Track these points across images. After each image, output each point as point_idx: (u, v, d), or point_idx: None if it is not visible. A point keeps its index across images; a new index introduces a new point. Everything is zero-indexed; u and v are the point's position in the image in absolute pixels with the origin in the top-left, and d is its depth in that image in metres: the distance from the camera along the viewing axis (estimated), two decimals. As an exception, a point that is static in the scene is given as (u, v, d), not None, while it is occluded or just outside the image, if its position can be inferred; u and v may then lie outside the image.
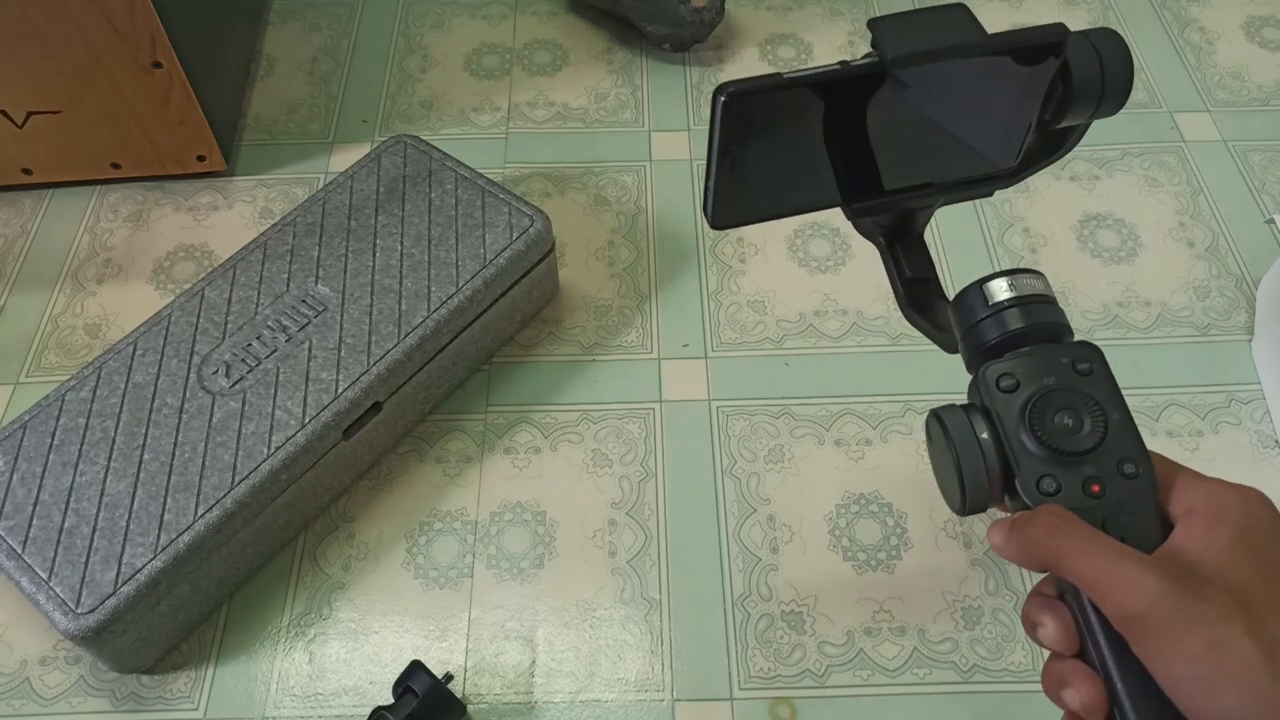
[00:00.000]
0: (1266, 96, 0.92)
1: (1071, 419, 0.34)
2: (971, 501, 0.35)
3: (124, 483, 0.59)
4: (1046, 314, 0.37)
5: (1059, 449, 0.34)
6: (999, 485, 0.35)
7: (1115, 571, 0.30)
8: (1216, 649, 0.28)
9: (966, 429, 0.35)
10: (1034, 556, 0.33)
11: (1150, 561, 0.30)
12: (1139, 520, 0.33)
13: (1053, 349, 0.36)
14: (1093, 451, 0.34)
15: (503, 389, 0.73)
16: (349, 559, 0.65)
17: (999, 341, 0.36)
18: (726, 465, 0.69)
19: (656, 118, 0.91)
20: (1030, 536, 0.33)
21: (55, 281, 0.79)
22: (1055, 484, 0.34)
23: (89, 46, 0.73)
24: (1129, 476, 0.34)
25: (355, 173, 0.74)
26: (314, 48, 0.97)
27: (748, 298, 0.78)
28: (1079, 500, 0.34)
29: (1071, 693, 0.32)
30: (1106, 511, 0.33)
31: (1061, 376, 0.35)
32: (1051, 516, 0.32)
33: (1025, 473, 0.34)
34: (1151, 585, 0.29)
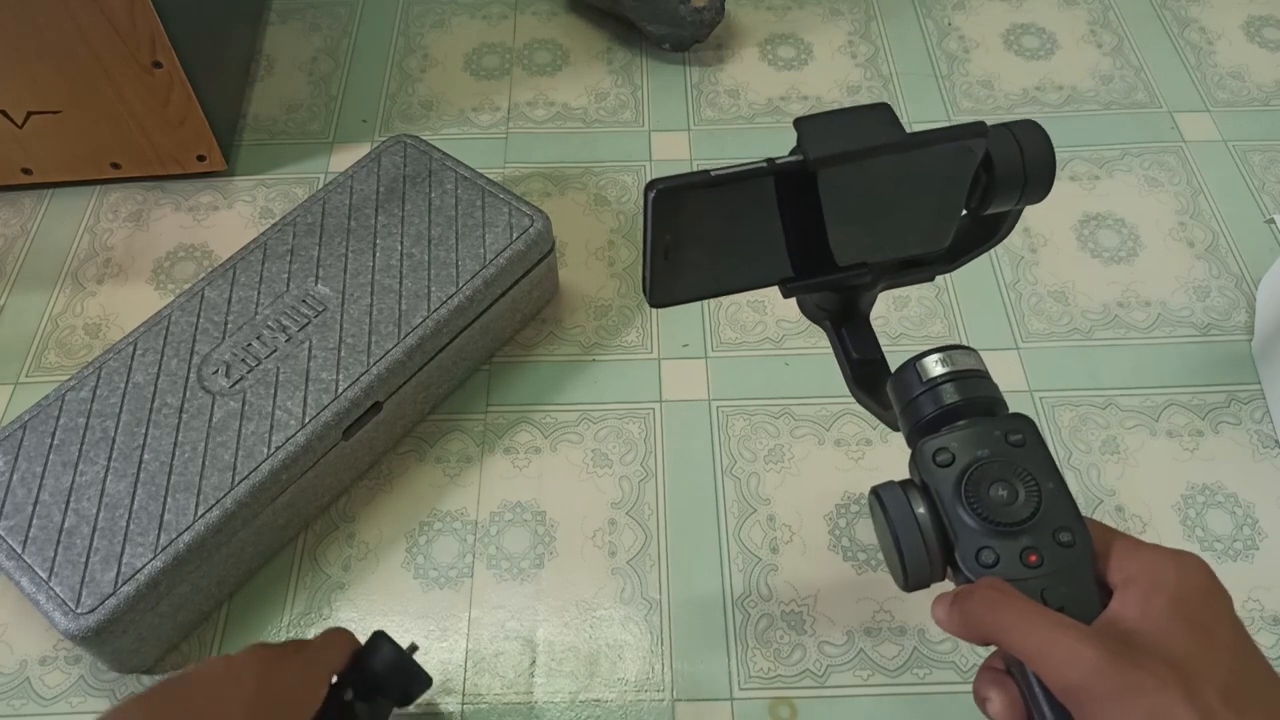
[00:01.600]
0: (1266, 96, 0.92)
1: (1006, 490, 0.35)
2: (913, 578, 0.36)
3: (124, 483, 0.59)
4: (979, 388, 0.38)
5: (994, 520, 0.35)
6: (940, 560, 0.36)
7: (1054, 644, 0.30)
8: (1155, 718, 0.29)
9: (904, 507, 0.36)
10: (975, 630, 0.33)
11: (1088, 632, 0.31)
12: (1077, 589, 0.34)
13: (986, 422, 0.37)
14: (1028, 521, 0.35)
15: (503, 389, 0.73)
16: (349, 559, 0.65)
17: (934, 416, 0.37)
18: (727, 465, 0.69)
19: (656, 118, 0.91)
20: (970, 611, 0.33)
21: (55, 281, 0.79)
22: (994, 555, 0.35)
23: (89, 46, 0.73)
24: (1065, 545, 0.34)
25: (355, 173, 0.74)
26: (314, 48, 0.97)
27: (747, 298, 0.78)
28: (1017, 571, 0.34)
29: None
30: (1045, 581, 0.34)
31: (995, 448, 0.36)
32: (990, 590, 0.33)
33: (964, 545, 0.35)
34: (1090, 657, 0.29)
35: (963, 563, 0.35)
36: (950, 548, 0.36)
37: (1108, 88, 0.92)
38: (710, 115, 0.91)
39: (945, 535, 0.36)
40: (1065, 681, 0.30)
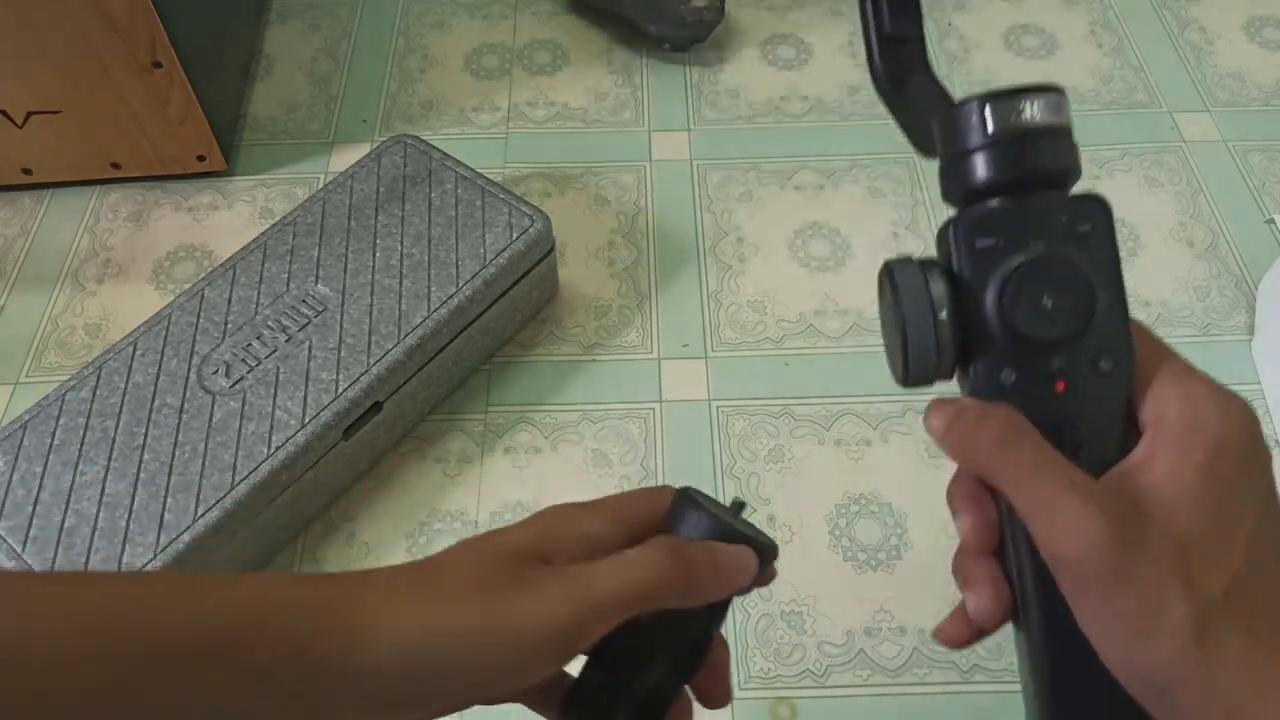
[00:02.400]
0: (1266, 96, 0.92)
1: (1052, 300, 0.28)
2: (915, 375, 0.30)
3: (124, 483, 0.59)
4: (1059, 155, 0.29)
5: (1029, 336, 0.28)
6: (949, 360, 0.30)
7: (1058, 507, 0.27)
8: (1146, 609, 0.26)
9: (921, 296, 0.29)
10: (970, 461, 0.29)
11: (1097, 499, 0.27)
12: (1101, 428, 0.29)
13: (1052, 203, 0.29)
14: (1068, 343, 0.29)
15: (503, 389, 0.73)
16: (349, 559, 0.65)
17: (989, 185, 0.29)
18: (727, 465, 0.69)
19: (657, 118, 0.91)
20: (974, 439, 0.29)
21: (55, 281, 0.79)
22: (1014, 376, 0.29)
23: (89, 46, 0.73)
24: (1102, 374, 0.29)
25: (355, 173, 0.74)
26: (314, 47, 0.97)
27: (748, 298, 0.78)
28: (1038, 397, 0.29)
29: (971, 596, 0.30)
30: (1065, 413, 0.29)
31: (1053, 242, 0.29)
32: (1004, 424, 0.28)
33: (983, 358, 0.29)
34: (1093, 532, 0.26)
35: (976, 376, 0.29)
36: (966, 350, 0.30)
37: (1108, 88, 0.92)
38: (710, 115, 0.91)
39: (963, 334, 0.29)
40: (1060, 552, 0.27)
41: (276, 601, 0.28)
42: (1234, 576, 0.26)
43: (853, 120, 0.90)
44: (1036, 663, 0.30)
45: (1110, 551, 0.26)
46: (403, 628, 0.28)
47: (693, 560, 0.31)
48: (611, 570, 0.30)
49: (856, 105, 0.92)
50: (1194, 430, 0.27)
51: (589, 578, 0.30)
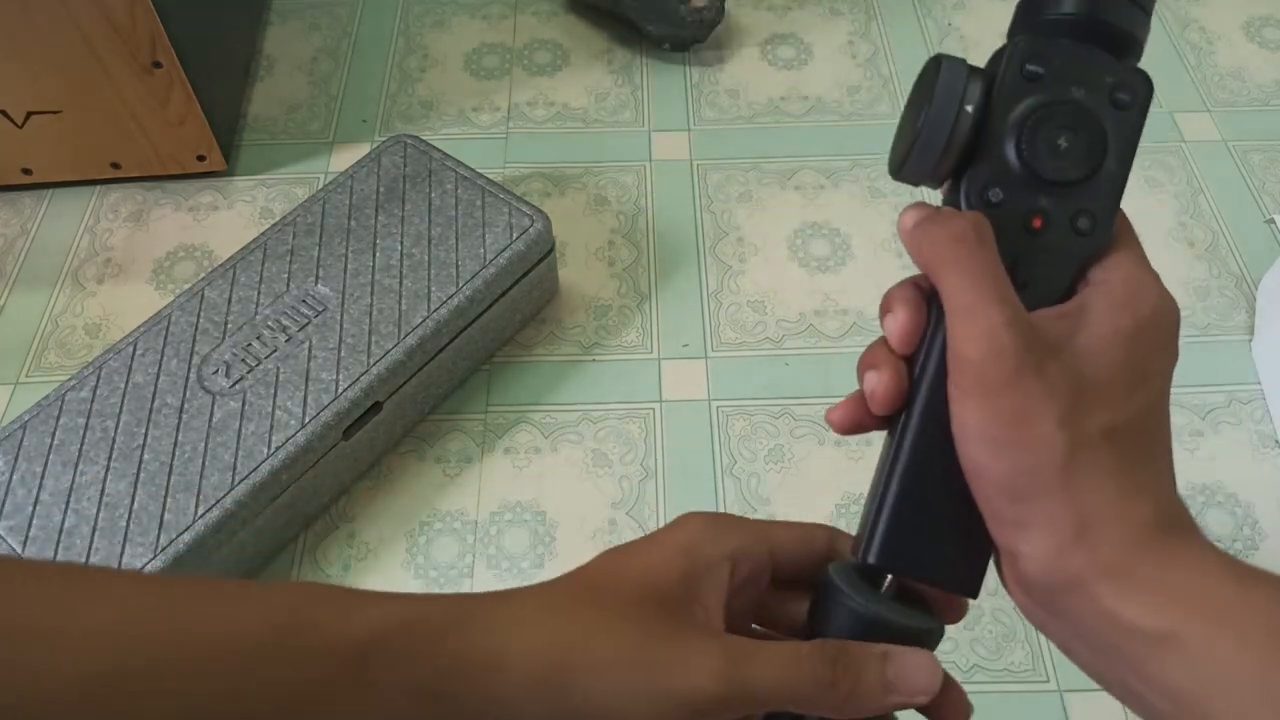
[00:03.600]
0: (1266, 96, 0.92)
1: (1067, 143, 0.30)
2: (914, 161, 0.31)
3: (124, 483, 0.59)
4: (1127, 16, 0.30)
5: (1031, 167, 0.30)
6: (950, 162, 0.31)
7: (979, 312, 0.28)
8: (1020, 421, 0.27)
9: (956, 90, 0.30)
10: (923, 256, 0.30)
11: (1015, 319, 0.28)
12: (1054, 276, 0.30)
13: (1102, 60, 0.30)
14: (1062, 187, 0.30)
15: (502, 389, 0.73)
16: (349, 559, 0.65)
17: (1053, 21, 0.31)
18: (727, 465, 0.69)
19: (657, 118, 0.91)
20: (931, 235, 0.30)
21: (55, 281, 0.79)
22: (1001, 197, 0.30)
23: (89, 46, 0.73)
24: (1079, 232, 0.30)
25: (355, 173, 0.74)
26: (314, 47, 0.97)
27: (748, 298, 0.78)
28: (1013, 225, 0.30)
29: (874, 375, 0.31)
30: (1029, 250, 0.30)
31: (1091, 96, 0.30)
32: (968, 226, 0.29)
33: (981, 169, 0.30)
34: (1002, 342, 0.27)
35: (967, 183, 0.30)
36: (968, 160, 0.31)
37: (1108, 88, 0.92)
38: (710, 115, 0.91)
39: (972, 145, 0.30)
40: (963, 351, 0.28)
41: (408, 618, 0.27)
42: (1117, 425, 0.28)
43: (853, 120, 0.90)
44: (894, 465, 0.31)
45: (1009, 363, 0.27)
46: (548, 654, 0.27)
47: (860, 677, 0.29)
48: (773, 659, 0.29)
49: (857, 105, 0.92)
50: (1130, 300, 0.29)
51: (748, 657, 0.28)
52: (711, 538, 0.31)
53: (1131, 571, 0.27)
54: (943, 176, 0.32)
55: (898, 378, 0.31)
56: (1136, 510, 0.28)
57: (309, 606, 0.27)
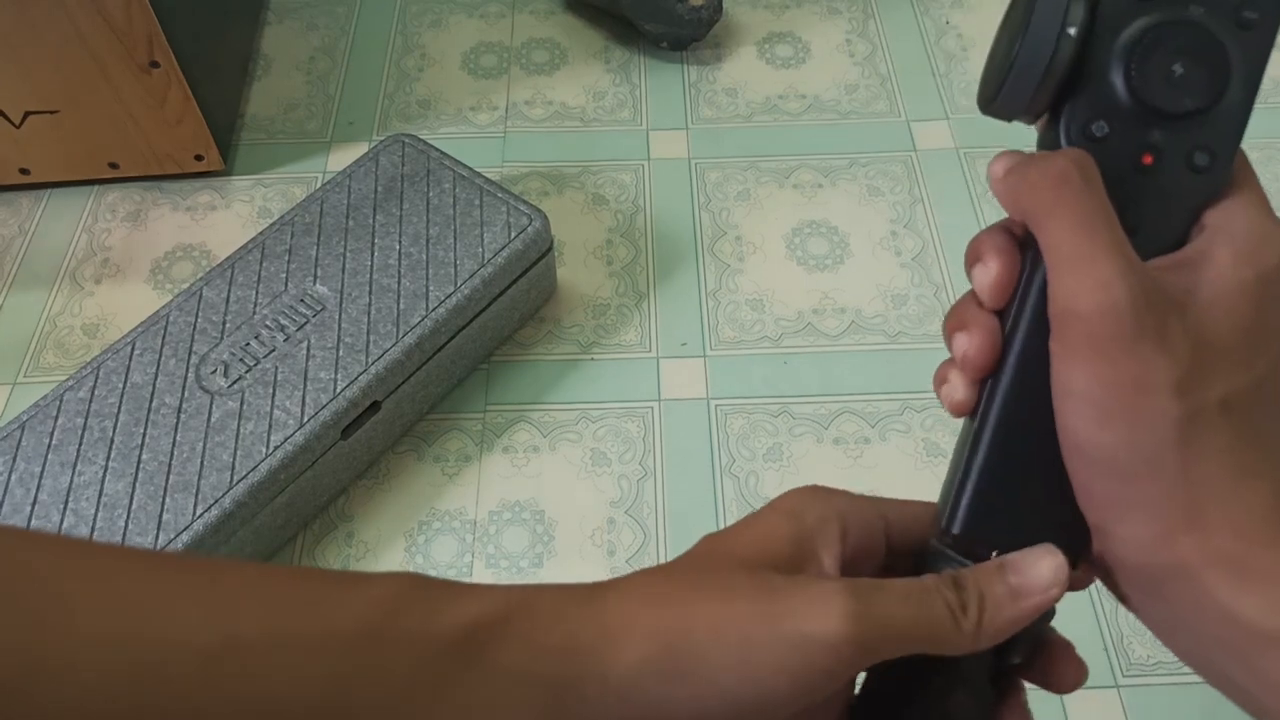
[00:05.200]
0: (1263, 95, 0.91)
1: (1184, 70, 0.27)
2: (1007, 96, 0.28)
3: (122, 483, 0.59)
4: None
5: (1142, 96, 0.27)
6: (1049, 92, 0.27)
7: (1091, 259, 0.25)
8: (1136, 388, 0.25)
9: (1058, 9, 0.27)
10: (1020, 203, 0.27)
11: (1135, 271, 0.25)
12: (1167, 218, 0.27)
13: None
14: (1178, 120, 0.27)
15: (501, 388, 0.73)
16: (348, 558, 0.65)
17: None
18: (725, 464, 0.69)
19: (655, 116, 0.91)
20: (1033, 180, 0.27)
21: (53, 281, 0.79)
22: (1107, 130, 0.27)
23: (86, 46, 0.73)
24: (1195, 168, 0.27)
25: (353, 172, 0.74)
26: (312, 47, 0.97)
27: (746, 296, 0.78)
28: (1119, 164, 0.27)
29: (963, 337, 0.28)
30: (1139, 191, 0.27)
31: (1214, 13, 0.27)
32: (1072, 165, 0.26)
33: (1083, 101, 0.27)
34: (1117, 295, 0.25)
35: (1067, 118, 0.27)
36: (1068, 90, 0.27)
37: (1106, 86, 0.92)
38: (708, 114, 0.91)
39: (1075, 73, 0.27)
40: (1076, 305, 0.25)
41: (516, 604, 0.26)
42: (1236, 394, 0.25)
43: (851, 118, 0.90)
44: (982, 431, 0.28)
45: (1126, 320, 0.25)
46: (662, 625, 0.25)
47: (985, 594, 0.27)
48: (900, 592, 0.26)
49: (855, 103, 0.92)
50: (1254, 251, 0.26)
51: (876, 591, 0.26)
52: (817, 501, 0.29)
53: (1248, 562, 0.25)
54: (1040, 109, 0.28)
55: (993, 336, 0.28)
56: (1257, 493, 0.25)
57: (417, 590, 0.26)
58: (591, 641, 0.25)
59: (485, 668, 0.25)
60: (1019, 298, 0.28)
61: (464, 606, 0.25)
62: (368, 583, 0.26)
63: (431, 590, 0.26)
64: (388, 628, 0.25)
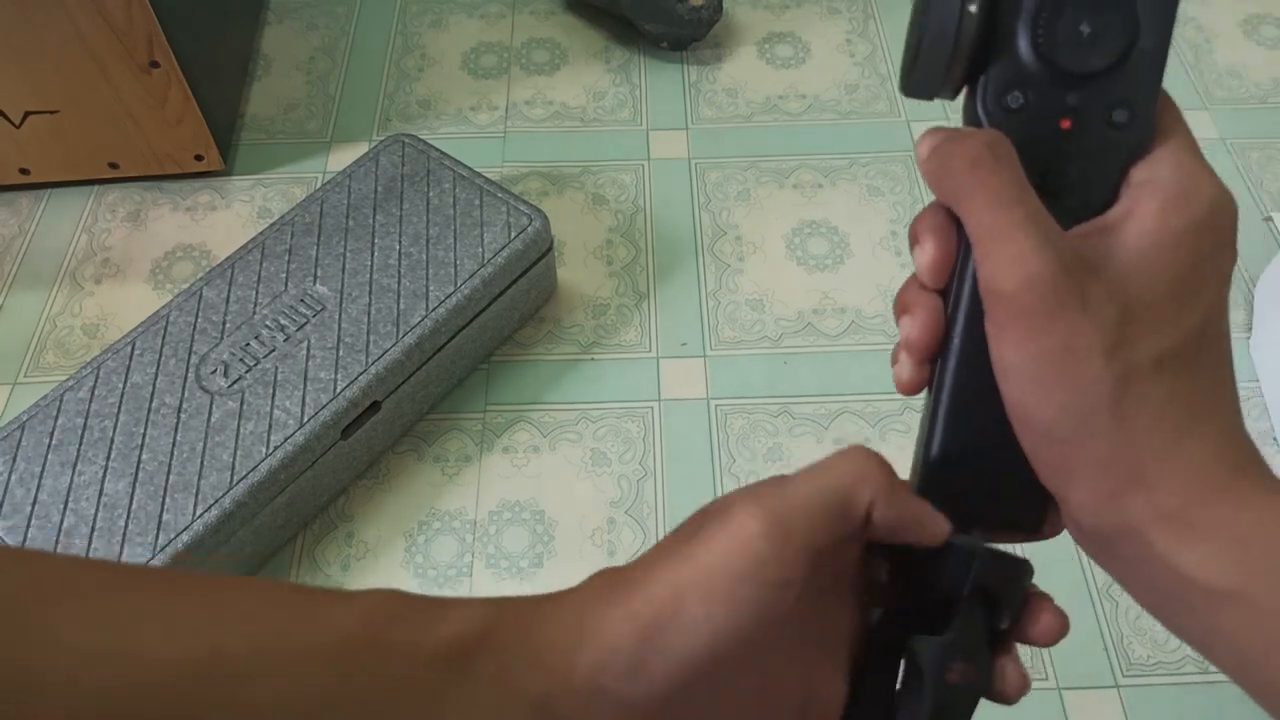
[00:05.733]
0: (1264, 94, 0.92)
1: (1091, 27, 0.26)
2: (919, 77, 0.28)
3: (122, 483, 0.59)
4: None
5: (1053, 61, 0.27)
6: (960, 69, 0.28)
7: (1006, 236, 0.25)
8: (1063, 357, 0.25)
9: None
10: (942, 185, 0.28)
11: (1050, 243, 0.25)
12: (1090, 180, 0.27)
13: None
14: (1091, 78, 0.27)
15: (501, 388, 0.73)
16: (348, 558, 0.65)
17: None
18: (725, 464, 0.69)
19: (655, 116, 0.91)
20: (948, 161, 0.27)
21: (53, 281, 0.79)
22: (1023, 100, 0.27)
23: (86, 46, 0.73)
24: (1114, 124, 0.27)
25: (353, 172, 0.74)
26: (312, 47, 0.97)
27: (746, 296, 0.78)
28: (1038, 131, 0.27)
29: (909, 320, 0.29)
30: (1061, 153, 0.27)
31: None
32: (984, 144, 0.27)
33: (995, 74, 0.27)
34: (1033, 267, 0.25)
35: (982, 91, 0.28)
36: (981, 63, 0.28)
37: (1105, 86, 0.92)
38: (708, 114, 0.91)
39: (983, 48, 0.27)
40: (997, 284, 0.26)
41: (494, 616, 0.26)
42: (1169, 349, 0.25)
43: (851, 118, 0.90)
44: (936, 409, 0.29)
45: (1047, 292, 0.25)
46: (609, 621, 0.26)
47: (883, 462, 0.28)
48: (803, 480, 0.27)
49: (854, 103, 0.92)
50: (1181, 199, 0.26)
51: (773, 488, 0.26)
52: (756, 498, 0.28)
53: (1193, 518, 0.25)
54: (955, 86, 0.29)
55: (934, 317, 0.29)
56: (1196, 448, 0.25)
57: (401, 605, 0.26)
58: (558, 651, 0.26)
59: (471, 680, 0.25)
60: (957, 276, 0.28)
61: (448, 620, 0.25)
62: (353, 598, 0.26)
63: (415, 604, 0.26)
64: (374, 641, 0.25)
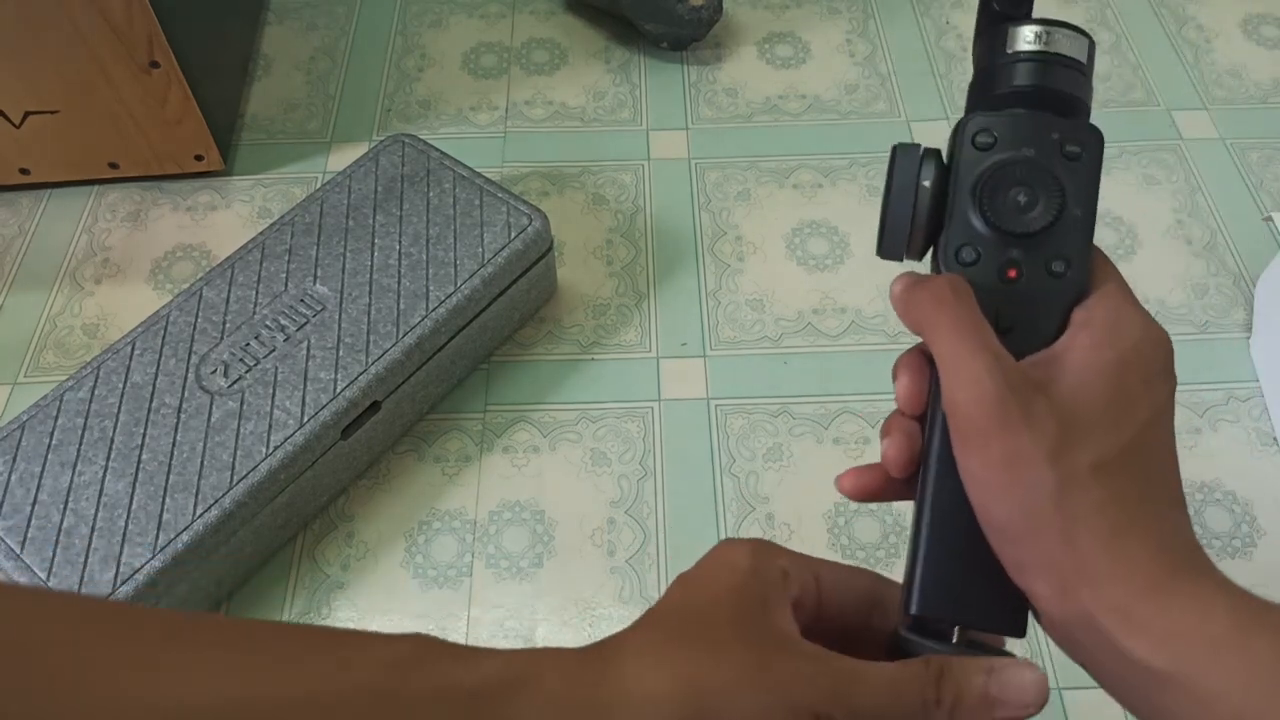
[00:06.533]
0: (1264, 94, 0.92)
1: (1026, 198, 0.32)
2: (887, 244, 0.34)
3: (122, 482, 0.59)
4: (1066, 81, 0.33)
5: (996, 224, 0.32)
6: (921, 237, 0.34)
7: (963, 360, 0.30)
8: (1012, 464, 0.28)
9: (912, 172, 0.33)
10: (911, 318, 0.32)
11: (1000, 365, 0.29)
12: (1038, 320, 0.32)
13: (1049, 121, 0.33)
14: (1029, 237, 0.32)
15: (501, 388, 0.73)
16: (348, 558, 0.65)
17: (1001, 95, 0.33)
18: (725, 464, 0.69)
19: (655, 116, 0.91)
20: (916, 298, 0.32)
21: (53, 281, 0.79)
22: (975, 255, 0.33)
23: (86, 46, 0.73)
24: (1053, 274, 0.32)
25: (353, 172, 0.74)
26: (312, 47, 0.97)
27: (746, 296, 0.78)
28: (989, 280, 0.32)
29: (887, 443, 0.33)
30: (1011, 300, 0.32)
31: (1042, 152, 0.32)
32: (944, 285, 0.31)
33: (952, 234, 0.33)
34: (985, 387, 0.29)
35: (942, 250, 0.33)
36: (938, 230, 0.33)
37: (1105, 86, 0.92)
38: (708, 114, 0.91)
39: (940, 216, 0.33)
40: (953, 399, 0.30)
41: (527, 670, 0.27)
42: (1105, 460, 0.29)
43: (850, 119, 0.90)
44: (920, 520, 0.32)
45: (996, 407, 0.29)
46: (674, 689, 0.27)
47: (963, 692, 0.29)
48: (879, 681, 0.28)
49: (854, 104, 0.92)
50: (1112, 334, 0.30)
51: (855, 679, 0.28)
52: (763, 555, 0.31)
53: (1133, 610, 0.27)
54: (919, 249, 0.34)
55: (909, 440, 0.33)
56: (1136, 548, 0.28)
57: (430, 651, 0.27)
58: (607, 705, 0.26)
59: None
60: (932, 401, 0.33)
61: (478, 667, 0.26)
62: (381, 643, 0.26)
63: (445, 651, 0.27)
64: (404, 688, 0.25)
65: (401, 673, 0.25)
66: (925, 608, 0.31)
